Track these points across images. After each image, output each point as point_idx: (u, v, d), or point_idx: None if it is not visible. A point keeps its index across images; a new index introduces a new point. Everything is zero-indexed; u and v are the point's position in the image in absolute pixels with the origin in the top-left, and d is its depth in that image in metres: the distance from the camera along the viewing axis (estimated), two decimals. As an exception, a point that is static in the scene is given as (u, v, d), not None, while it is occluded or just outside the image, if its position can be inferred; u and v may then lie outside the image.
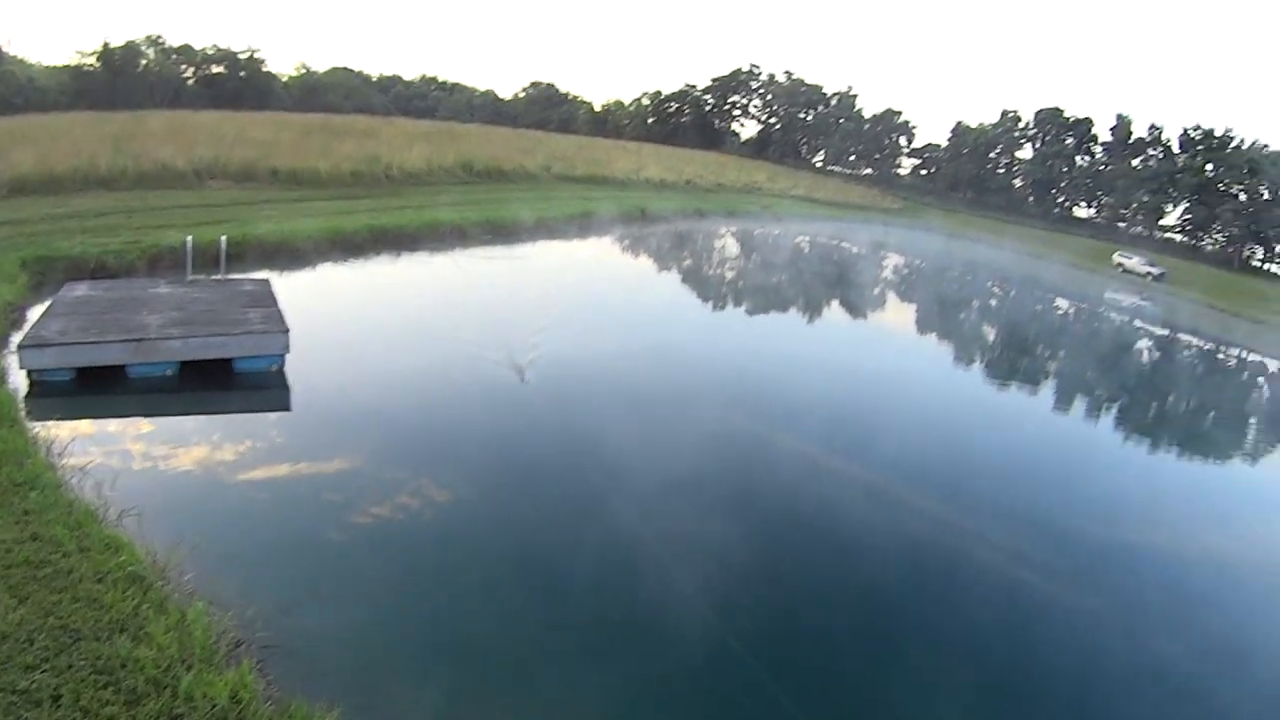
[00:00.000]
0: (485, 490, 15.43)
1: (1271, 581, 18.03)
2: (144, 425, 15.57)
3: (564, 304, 28.51)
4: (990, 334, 42.44)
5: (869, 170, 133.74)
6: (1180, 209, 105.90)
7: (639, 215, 56.15)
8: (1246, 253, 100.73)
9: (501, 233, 41.02)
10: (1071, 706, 12.30)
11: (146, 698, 8.45)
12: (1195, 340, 51.53)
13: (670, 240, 53.23)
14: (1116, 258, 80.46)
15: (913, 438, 21.62)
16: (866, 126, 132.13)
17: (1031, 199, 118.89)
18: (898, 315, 43.49)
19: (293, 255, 29.01)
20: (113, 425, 15.41)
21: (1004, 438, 24.33)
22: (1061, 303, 57.62)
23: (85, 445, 14.19)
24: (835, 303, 42.22)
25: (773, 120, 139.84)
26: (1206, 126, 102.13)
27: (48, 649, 8.75)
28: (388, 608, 11.61)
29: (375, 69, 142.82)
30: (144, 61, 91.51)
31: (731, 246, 58.52)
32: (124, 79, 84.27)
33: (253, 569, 11.71)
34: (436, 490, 14.99)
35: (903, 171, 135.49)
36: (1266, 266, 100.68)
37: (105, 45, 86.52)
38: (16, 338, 17.21)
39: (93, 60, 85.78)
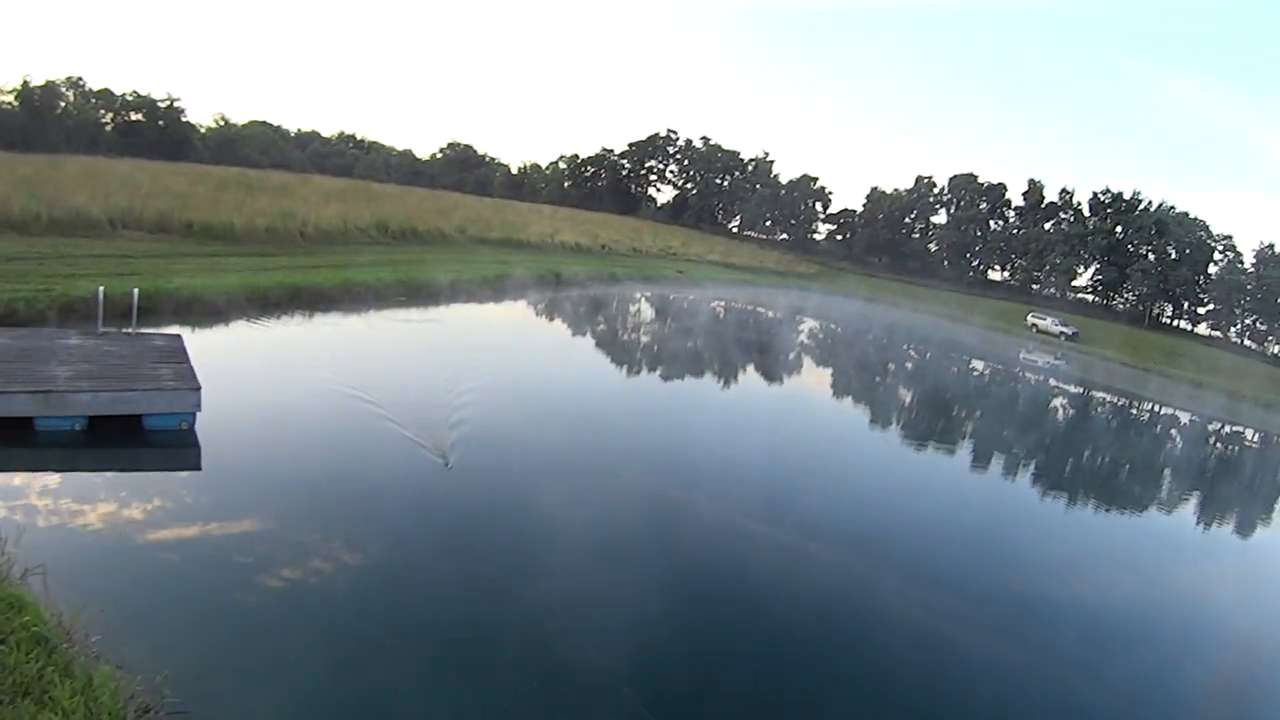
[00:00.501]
0: (399, 554, 15.33)
1: (1182, 623, 19.08)
2: (51, 480, 15.21)
3: (478, 366, 28.51)
4: (908, 396, 43.58)
5: (785, 235, 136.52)
6: (1091, 270, 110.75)
7: (554, 279, 56.61)
8: (1156, 310, 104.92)
9: (417, 294, 41.00)
10: None
11: (51, 766, 8.31)
12: (1109, 396, 53.58)
13: (585, 305, 53.70)
14: (1030, 319, 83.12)
15: (832, 499, 22.23)
16: (783, 192, 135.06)
17: (946, 263, 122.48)
18: (817, 379, 44.38)
19: (206, 311, 28.66)
20: (17, 479, 15.04)
21: (923, 496, 24.92)
22: (978, 364, 59.37)
23: (-12, 503, 13.88)
24: (755, 367, 42.78)
25: (689, 185, 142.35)
26: (1115, 189, 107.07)
27: (-57, 714, 8.52)
28: (300, 671, 11.49)
29: (293, 123, 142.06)
30: (63, 104, 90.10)
31: (648, 311, 59.20)
32: (41, 120, 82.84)
33: (162, 632, 11.52)
34: (349, 553, 14.90)
35: (818, 236, 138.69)
36: (1176, 323, 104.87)
37: (25, 83, 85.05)
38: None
39: (10, 99, 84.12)
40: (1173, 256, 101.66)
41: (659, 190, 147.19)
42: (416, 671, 12.13)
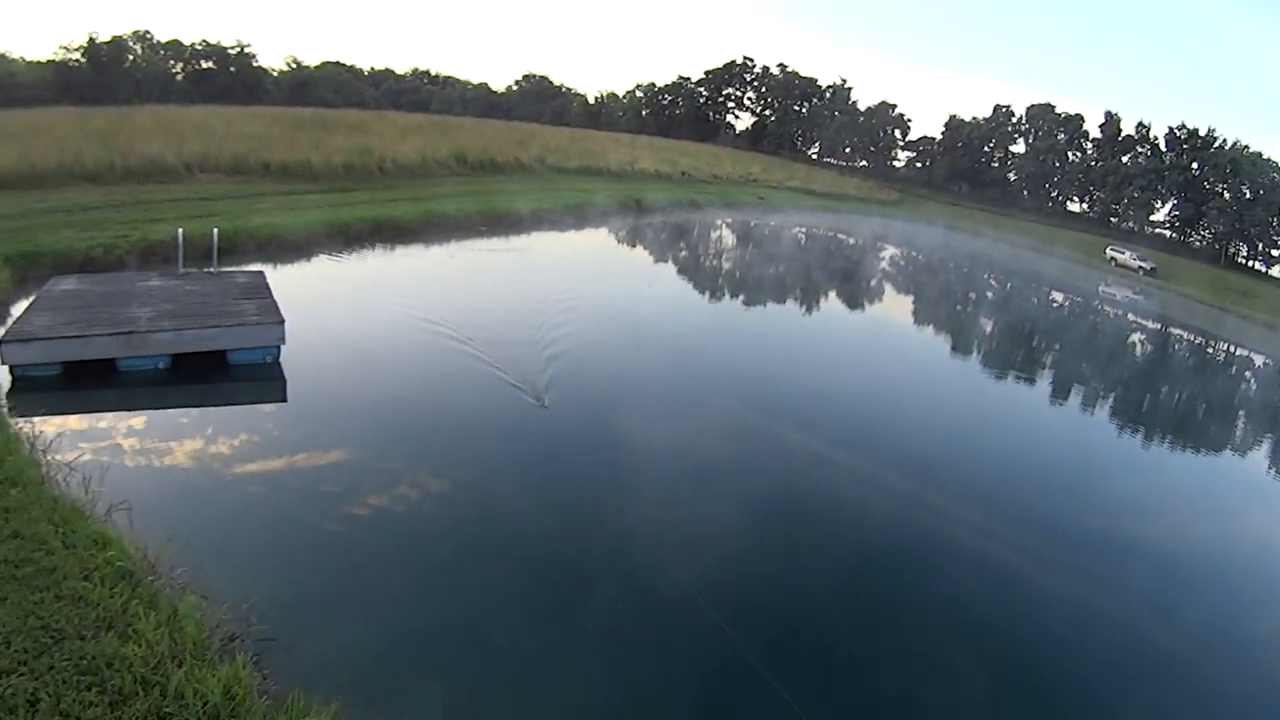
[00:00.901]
0: (486, 480, 15.08)
1: (1257, 567, 18.06)
2: (135, 419, 15.15)
3: (562, 294, 28.05)
4: (989, 326, 42.09)
5: (864, 162, 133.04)
6: (1169, 205, 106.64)
7: (635, 206, 55.60)
8: (1232, 249, 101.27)
9: (498, 224, 40.63)
10: (1065, 681, 12.31)
11: (133, 697, 8.05)
12: (1186, 334, 51.58)
13: (669, 231, 52.75)
14: (1109, 252, 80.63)
15: (911, 429, 21.59)
16: (861, 119, 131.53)
17: (1026, 193, 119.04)
18: (899, 306, 43.00)
19: (287, 248, 28.61)
20: (102, 420, 14.97)
21: (1001, 429, 24.15)
22: (1058, 296, 57.50)
23: (73, 440, 13.80)
24: (838, 294, 41.96)
25: (767, 112, 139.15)
26: (1191, 125, 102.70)
27: (26, 651, 8.31)
28: (387, 599, 11.23)
29: (366, 63, 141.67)
30: (131, 57, 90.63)
31: (731, 237, 58.10)
32: (110, 75, 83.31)
33: (248, 562, 11.34)
34: (435, 481, 14.64)
35: (898, 164, 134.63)
36: (1251, 263, 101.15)
37: (91, 40, 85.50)
38: None
39: (78, 56, 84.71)
40: (1248, 196, 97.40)
41: (737, 117, 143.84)
42: (503, 596, 11.86)
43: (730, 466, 17.52)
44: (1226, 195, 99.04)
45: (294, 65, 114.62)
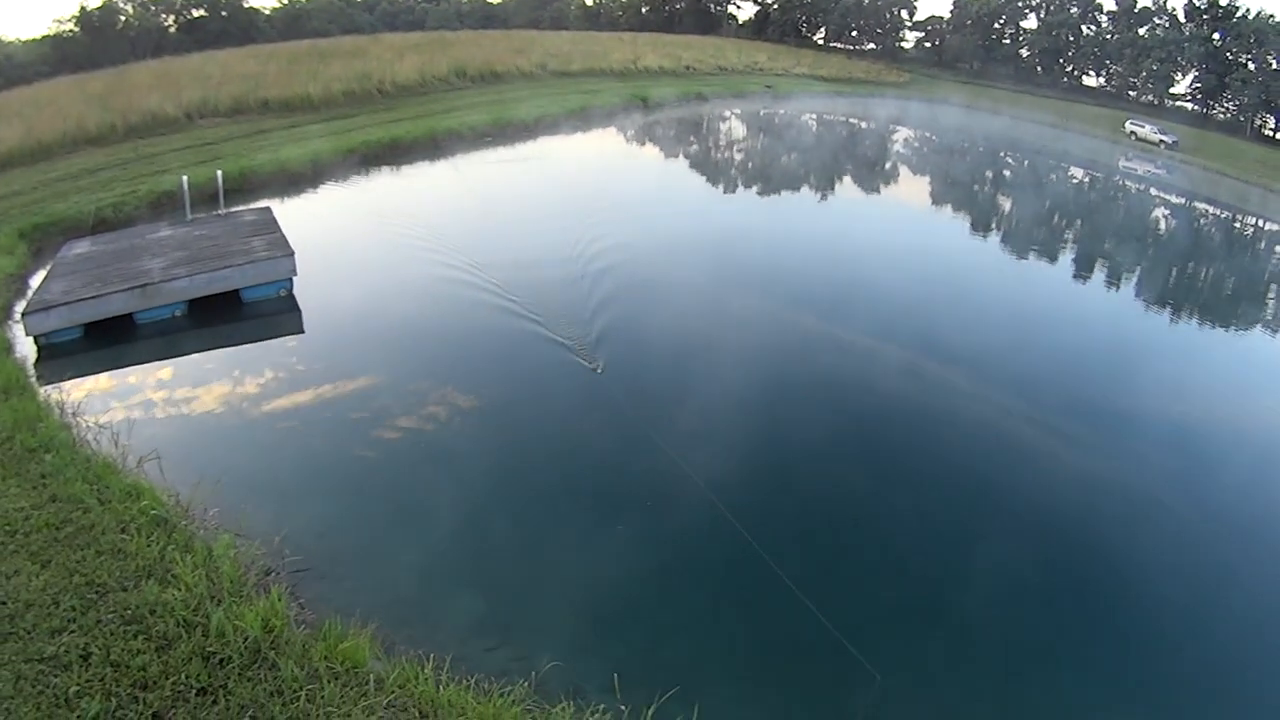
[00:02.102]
0: (513, 396, 15.03)
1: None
2: (157, 370, 15.20)
3: (574, 203, 27.77)
4: (1009, 205, 40.69)
5: (872, 45, 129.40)
6: (1189, 78, 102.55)
7: (641, 104, 54.37)
8: (1259, 121, 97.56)
9: (504, 133, 39.96)
10: (1081, 552, 12.57)
11: (178, 640, 8.18)
12: (1212, 209, 49.46)
13: (677, 126, 51.47)
14: (1129, 125, 77.74)
15: (935, 313, 21.23)
16: (866, 1, 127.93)
17: (1040, 69, 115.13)
18: (920, 191, 41.56)
19: (293, 181, 28.36)
20: (126, 375, 15.01)
21: (1024, 309, 23.72)
22: (1078, 171, 55.34)
23: (100, 400, 13.89)
24: (859, 181, 41.01)
25: (770, 0, 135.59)
26: None
27: (74, 608, 8.46)
28: (421, 520, 11.28)
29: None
30: (122, 18, 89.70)
31: (740, 128, 56.84)
32: (104, 39, 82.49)
33: (280, 496, 11.41)
34: (463, 398, 14.63)
35: (907, 45, 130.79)
36: (1278, 135, 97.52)
37: (82, 8, 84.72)
38: (21, 306, 16.74)
39: (71, 26, 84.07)
40: (1274, 67, 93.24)
41: (739, 8, 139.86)
42: (531, 507, 11.95)
43: (759, 357, 17.48)
44: (1251, 66, 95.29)
45: (285, 2, 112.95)
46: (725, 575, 11.00)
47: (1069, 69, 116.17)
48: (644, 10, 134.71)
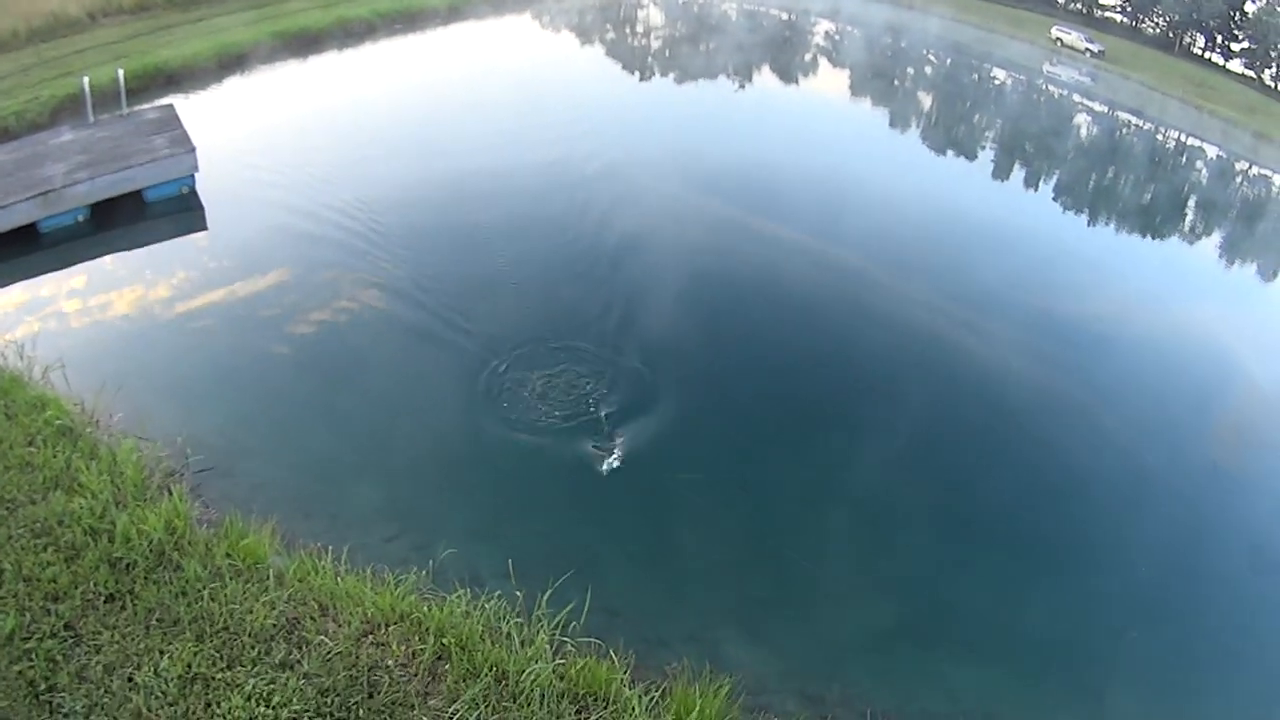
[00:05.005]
0: (421, 285, 14.66)
1: (1185, 348, 18.01)
2: (63, 278, 14.59)
3: (473, 94, 26.86)
4: (929, 102, 39.85)
5: None
6: None
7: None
8: (1188, 39, 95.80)
9: (414, 22, 38.29)
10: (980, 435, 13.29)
11: (85, 549, 8.10)
12: (1135, 120, 48.39)
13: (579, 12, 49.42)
14: (1055, 31, 75.74)
15: (848, 207, 20.86)
16: None
17: None
18: (843, 85, 39.35)
19: (198, 77, 27.00)
20: (31, 287, 14.35)
21: (942, 206, 23.29)
22: (999, 73, 53.70)
23: (4, 313, 13.32)
24: (777, 73, 38.95)
25: None
26: None
27: (-14, 527, 8.27)
28: (325, 415, 11.14)
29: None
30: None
31: (658, 17, 54.48)
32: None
33: (186, 397, 11.18)
34: (370, 291, 14.29)
35: None
36: (1207, 55, 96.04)
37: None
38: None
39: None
40: None
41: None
42: (430, 399, 11.91)
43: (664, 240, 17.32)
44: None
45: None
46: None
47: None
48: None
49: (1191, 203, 32.13)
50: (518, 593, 8.12)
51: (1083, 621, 10.50)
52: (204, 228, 16.68)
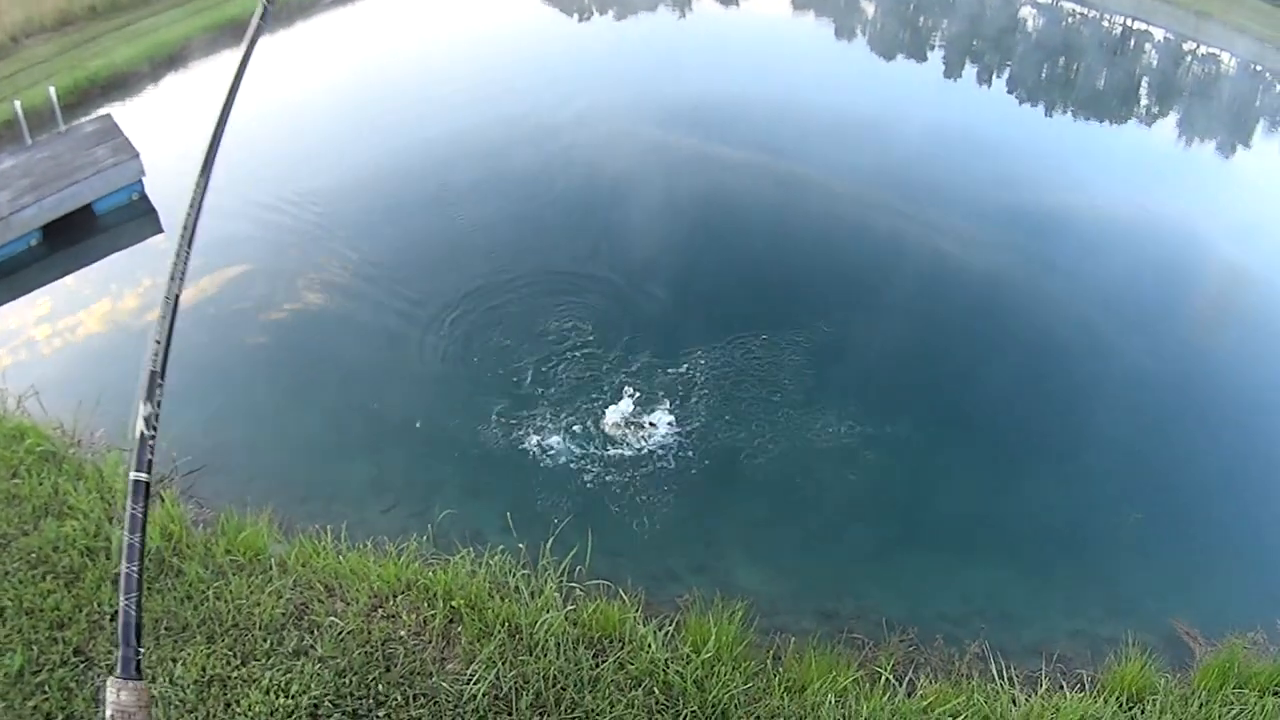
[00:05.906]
0: (399, 266, 14.40)
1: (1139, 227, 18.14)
2: (25, 306, 14.24)
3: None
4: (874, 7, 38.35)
5: None
6: None
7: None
8: None
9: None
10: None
11: (84, 570, 8.00)
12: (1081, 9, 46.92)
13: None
14: None
15: (794, 112, 20.81)
16: None
17: None
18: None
19: (132, 82, 26.31)
20: (-6, 318, 14.08)
21: (893, 107, 22.79)
22: None
23: (-34, 350, 13.03)
24: None
25: None
26: None
27: (-19, 566, 8.11)
28: (312, 397, 11.01)
29: None
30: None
31: None
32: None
33: (167, 402, 10.20)
34: (344, 276, 14.06)
35: None
36: None
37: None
38: None
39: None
40: None
41: None
42: (417, 381, 11.82)
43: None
44: None
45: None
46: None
47: None
48: None
49: (1146, 85, 31.83)
50: (520, 545, 8.05)
51: (1086, 511, 10.61)
52: (159, 230, 16.37)
